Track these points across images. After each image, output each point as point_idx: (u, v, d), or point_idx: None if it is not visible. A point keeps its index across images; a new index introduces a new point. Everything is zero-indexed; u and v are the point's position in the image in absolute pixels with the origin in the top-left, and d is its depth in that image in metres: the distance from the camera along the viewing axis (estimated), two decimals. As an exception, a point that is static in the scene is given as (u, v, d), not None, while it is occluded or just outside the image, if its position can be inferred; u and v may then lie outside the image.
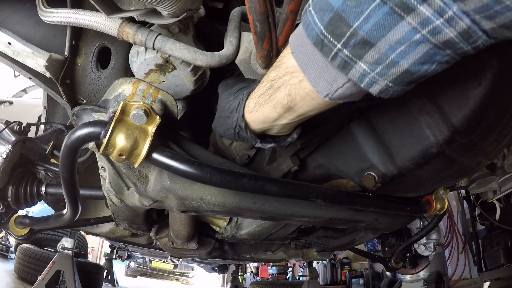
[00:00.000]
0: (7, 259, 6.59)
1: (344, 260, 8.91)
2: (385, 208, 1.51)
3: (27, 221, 2.02)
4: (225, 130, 1.25)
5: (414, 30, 0.62)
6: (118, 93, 1.17)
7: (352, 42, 0.69)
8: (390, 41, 0.65)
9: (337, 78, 0.78)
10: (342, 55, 0.71)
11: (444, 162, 1.21)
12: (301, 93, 0.89)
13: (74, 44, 1.28)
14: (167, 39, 1.04)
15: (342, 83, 0.78)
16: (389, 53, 0.67)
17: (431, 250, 3.11)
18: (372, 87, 0.74)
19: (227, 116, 1.21)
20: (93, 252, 12.50)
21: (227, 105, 1.22)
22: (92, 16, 1.06)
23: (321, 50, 0.74)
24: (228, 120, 1.21)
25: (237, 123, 1.17)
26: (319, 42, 0.73)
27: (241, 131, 1.18)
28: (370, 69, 0.71)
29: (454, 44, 0.63)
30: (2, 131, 1.85)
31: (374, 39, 0.66)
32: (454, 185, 2.56)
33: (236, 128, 1.19)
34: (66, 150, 1.11)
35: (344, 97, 0.83)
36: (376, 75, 0.72)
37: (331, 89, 0.80)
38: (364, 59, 0.70)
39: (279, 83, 0.94)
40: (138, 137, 1.05)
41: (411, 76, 0.71)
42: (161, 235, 2.21)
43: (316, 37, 0.73)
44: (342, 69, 0.74)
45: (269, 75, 0.99)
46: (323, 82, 0.80)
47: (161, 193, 1.32)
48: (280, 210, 1.39)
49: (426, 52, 0.65)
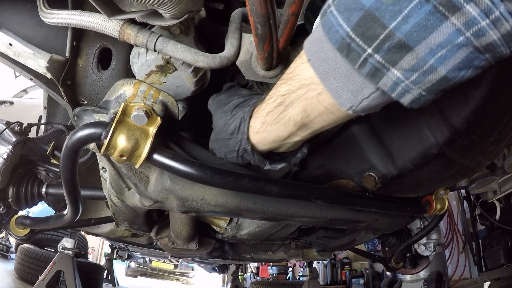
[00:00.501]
0: (8, 259, 6.59)
1: (344, 260, 8.91)
2: (386, 209, 1.51)
3: (28, 222, 2.02)
4: (226, 152, 1.17)
5: (458, 32, 0.57)
6: (119, 94, 1.17)
7: (387, 45, 0.61)
8: (431, 44, 0.59)
9: (364, 87, 0.70)
10: (373, 61, 0.63)
11: (444, 163, 1.22)
12: (319, 108, 0.80)
13: (75, 45, 1.28)
14: (168, 41, 1.04)
15: (369, 93, 0.70)
16: (428, 58, 0.60)
17: (431, 250, 3.11)
18: (404, 97, 0.67)
19: (228, 138, 1.12)
20: (93, 252, 12.50)
21: (226, 126, 1.13)
22: (93, 17, 1.07)
23: (346, 56, 0.66)
24: (229, 142, 1.12)
25: (241, 146, 1.08)
26: (344, 46, 0.65)
27: (246, 154, 1.10)
28: (405, 76, 0.63)
29: (495, 48, 0.58)
30: (3, 132, 1.85)
31: (413, 42, 0.60)
32: (454, 186, 2.56)
33: (240, 151, 1.10)
34: (67, 150, 1.12)
35: (369, 108, 0.74)
36: (411, 83, 0.64)
37: (355, 100, 0.72)
38: (398, 65, 0.63)
39: (292, 98, 0.85)
40: (139, 138, 1.05)
41: (447, 84, 0.64)
42: (161, 236, 2.22)
43: (340, 41, 0.65)
44: (372, 77, 0.66)
45: (278, 90, 0.89)
46: (347, 93, 0.72)
47: (161, 193, 1.32)
48: (281, 210, 1.40)
49: (466, 56, 0.59)
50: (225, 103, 1.19)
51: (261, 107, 1.00)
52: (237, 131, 1.07)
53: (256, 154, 1.09)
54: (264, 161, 1.12)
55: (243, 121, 1.06)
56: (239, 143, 1.08)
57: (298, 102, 0.83)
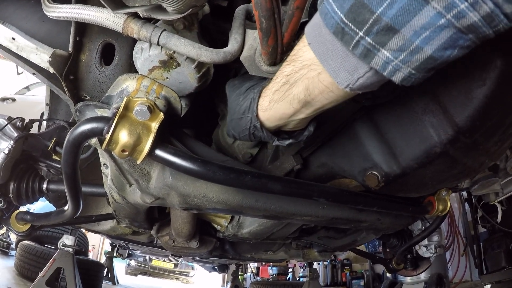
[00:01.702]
0: (8, 256, 6.59)
1: (344, 261, 8.91)
2: (388, 208, 1.50)
3: (28, 217, 2.02)
4: (240, 132, 1.25)
5: (439, 15, 0.62)
6: (121, 89, 1.17)
7: (375, 29, 0.67)
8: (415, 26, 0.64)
9: (358, 67, 0.77)
10: (365, 43, 0.70)
11: (448, 162, 1.21)
12: (319, 86, 0.88)
13: (78, 40, 1.28)
14: (172, 35, 1.04)
15: (363, 72, 0.77)
16: (414, 39, 0.66)
17: (432, 252, 3.11)
18: (395, 75, 0.73)
19: (240, 117, 1.20)
20: (93, 250, 12.52)
21: (238, 107, 1.21)
22: (97, 11, 1.06)
23: (341, 39, 0.73)
24: (241, 121, 1.20)
25: (251, 123, 1.16)
26: (339, 30, 0.72)
27: (256, 131, 1.18)
28: (394, 56, 0.70)
29: (477, 28, 0.62)
30: (4, 127, 1.85)
31: (398, 25, 0.65)
32: (457, 187, 2.55)
33: (251, 129, 1.18)
34: (69, 145, 1.11)
35: (365, 86, 0.81)
36: (400, 62, 0.70)
37: (351, 79, 0.79)
38: (387, 46, 0.69)
39: (295, 78, 0.93)
40: (141, 133, 1.05)
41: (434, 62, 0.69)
42: (162, 233, 2.21)
43: (335, 25, 0.72)
44: (364, 57, 0.72)
45: (283, 70, 0.97)
46: (343, 73, 0.79)
47: (163, 190, 1.31)
48: (283, 208, 1.39)
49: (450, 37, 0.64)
50: (238, 87, 1.26)
51: (269, 87, 1.08)
52: (247, 110, 1.16)
53: (265, 130, 1.17)
54: (273, 137, 1.20)
55: (252, 100, 1.14)
56: (250, 121, 1.16)
57: (301, 81, 0.91)
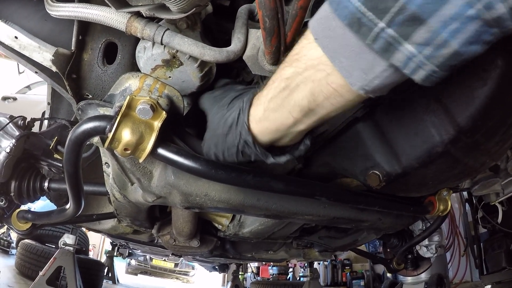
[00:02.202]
0: (9, 254, 6.60)
1: (345, 261, 8.91)
2: (389, 208, 1.50)
3: (30, 216, 2.02)
4: (224, 149, 1.06)
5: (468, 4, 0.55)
6: (124, 87, 1.17)
7: (400, 18, 0.59)
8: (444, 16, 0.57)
9: (375, 65, 0.66)
10: (385, 35, 0.61)
11: (449, 162, 1.21)
12: (326, 90, 0.76)
13: (81, 39, 1.28)
14: (175, 34, 1.04)
15: (381, 71, 0.67)
16: (441, 31, 0.58)
17: (433, 252, 3.11)
18: (416, 73, 0.64)
19: (225, 133, 1.03)
20: (94, 249, 12.53)
21: (222, 120, 1.04)
22: (100, 10, 1.06)
23: (357, 31, 0.63)
24: (227, 137, 1.03)
25: (241, 138, 0.98)
26: (354, 21, 0.63)
27: (247, 147, 1.00)
28: (418, 50, 0.61)
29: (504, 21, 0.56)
30: (6, 126, 1.85)
31: (426, 15, 0.57)
32: (457, 187, 2.56)
33: (240, 145, 1.00)
34: (71, 143, 1.12)
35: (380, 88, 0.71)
36: (424, 58, 0.61)
37: (366, 79, 0.68)
38: (411, 39, 0.60)
39: (297, 81, 0.80)
40: (144, 132, 1.05)
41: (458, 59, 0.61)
42: (163, 233, 2.21)
43: (350, 16, 0.63)
44: (384, 52, 0.63)
45: (282, 73, 0.84)
46: (357, 72, 0.68)
47: (165, 189, 1.32)
48: (284, 207, 1.39)
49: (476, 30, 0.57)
50: (221, 98, 1.12)
51: (263, 94, 0.93)
52: (235, 123, 0.99)
53: (258, 146, 0.98)
54: (267, 154, 1.01)
55: (242, 111, 0.97)
56: (239, 136, 0.98)
57: (305, 85, 0.78)
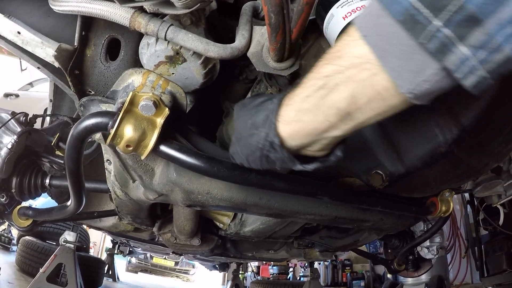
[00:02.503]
0: (9, 251, 6.61)
1: (345, 262, 8.90)
2: (391, 208, 1.50)
3: (30, 213, 2.02)
4: (248, 154, 0.98)
5: None
6: (127, 83, 1.16)
7: (457, 18, 0.55)
8: (500, 19, 0.53)
9: (426, 67, 0.62)
10: (441, 35, 0.57)
11: (452, 162, 1.21)
12: (370, 92, 0.70)
13: (84, 35, 1.28)
14: (179, 30, 1.04)
15: (431, 74, 0.62)
16: (496, 34, 0.54)
17: (434, 253, 3.10)
18: (467, 79, 0.60)
19: (251, 134, 0.94)
20: (95, 246, 12.54)
21: (249, 121, 0.95)
22: (104, 5, 1.06)
23: (411, 29, 0.59)
24: (251, 139, 0.94)
25: (267, 140, 0.90)
26: (408, 19, 0.59)
27: (272, 151, 0.91)
28: (473, 53, 0.56)
29: None
30: (8, 122, 1.85)
31: (484, 15, 0.53)
32: (460, 188, 2.55)
33: (265, 149, 0.91)
34: (73, 140, 1.11)
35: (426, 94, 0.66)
36: (478, 63, 0.57)
37: (414, 82, 0.63)
38: (467, 40, 0.56)
39: (337, 81, 0.73)
40: (146, 129, 1.04)
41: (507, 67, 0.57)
42: (164, 231, 2.21)
43: (404, 12, 0.59)
44: (437, 53, 0.59)
45: (320, 71, 0.77)
46: (407, 73, 0.64)
47: (167, 186, 1.31)
48: (286, 206, 1.39)
49: None
50: (249, 102, 1.02)
51: (296, 93, 0.85)
52: (262, 124, 0.91)
53: (285, 150, 0.90)
54: (294, 160, 0.92)
55: (271, 111, 0.89)
56: (265, 137, 0.90)
57: (345, 85, 0.72)
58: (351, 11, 1.03)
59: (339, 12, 1.07)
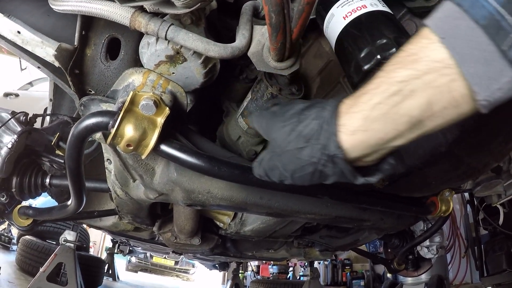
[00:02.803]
0: (9, 250, 6.60)
1: (345, 261, 8.90)
2: (391, 208, 1.50)
3: (31, 212, 2.03)
4: (295, 170, 0.88)
5: None
6: (127, 83, 1.16)
7: None
8: None
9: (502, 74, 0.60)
10: None
11: (452, 162, 1.21)
12: (446, 99, 0.66)
13: (84, 34, 1.27)
14: (179, 29, 1.03)
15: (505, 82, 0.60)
16: None
17: (434, 253, 3.11)
18: None
19: (299, 147, 0.84)
20: (95, 246, 12.53)
21: (294, 133, 0.86)
22: (104, 5, 1.06)
23: (494, 35, 0.58)
24: (301, 153, 0.84)
25: (326, 153, 0.81)
26: (492, 24, 0.58)
27: (330, 165, 0.83)
28: None
29: None
30: (8, 121, 1.85)
31: None
32: (459, 188, 2.55)
33: (321, 163, 0.83)
34: (73, 139, 1.11)
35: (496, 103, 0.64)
36: None
37: (489, 89, 0.61)
38: None
39: (414, 86, 0.68)
40: (147, 128, 1.04)
41: None
42: (164, 230, 2.21)
43: (488, 17, 0.58)
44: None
45: (392, 75, 0.71)
46: (485, 80, 0.61)
47: (167, 185, 1.31)
48: (287, 206, 1.39)
49: None
50: (283, 112, 0.93)
51: (362, 99, 0.77)
52: (315, 135, 0.82)
53: (349, 164, 0.82)
54: (355, 173, 0.85)
55: (326, 120, 0.81)
56: (321, 150, 0.81)
57: (422, 91, 0.67)
58: (352, 10, 1.03)
59: (339, 11, 1.06)
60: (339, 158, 0.80)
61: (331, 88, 1.40)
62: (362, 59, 0.97)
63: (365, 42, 0.98)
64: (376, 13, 1.01)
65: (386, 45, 0.94)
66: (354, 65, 0.99)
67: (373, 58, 0.95)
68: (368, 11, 1.02)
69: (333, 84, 1.39)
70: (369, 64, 0.96)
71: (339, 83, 1.37)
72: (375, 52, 0.95)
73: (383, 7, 1.03)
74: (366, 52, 0.96)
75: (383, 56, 0.94)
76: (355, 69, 0.99)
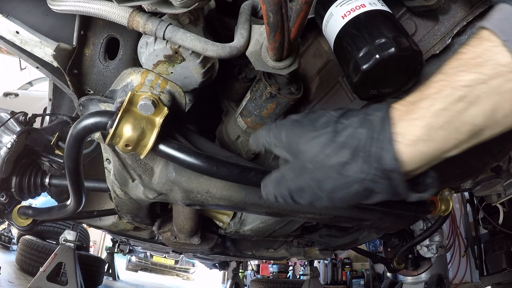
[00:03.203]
0: (9, 250, 6.61)
1: (345, 260, 8.91)
2: (391, 207, 1.50)
3: (30, 212, 2.03)
4: (335, 189, 0.76)
5: None
6: (126, 83, 1.16)
7: None
8: None
9: None
10: None
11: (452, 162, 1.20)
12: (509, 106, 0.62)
13: (82, 34, 1.27)
14: (177, 29, 1.03)
15: None
16: None
17: (433, 252, 3.11)
18: None
19: (344, 161, 0.73)
20: (94, 245, 12.53)
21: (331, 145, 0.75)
22: (102, 5, 1.05)
23: None
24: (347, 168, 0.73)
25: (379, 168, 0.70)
26: None
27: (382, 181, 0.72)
28: None
29: None
30: (7, 121, 1.85)
31: None
32: (459, 187, 2.55)
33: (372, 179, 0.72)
34: (72, 139, 1.11)
35: None
36: None
37: None
38: None
39: (479, 92, 0.62)
40: (145, 128, 1.04)
41: None
42: (164, 229, 2.21)
43: None
44: None
45: (455, 79, 0.65)
46: None
47: (166, 185, 1.31)
48: (286, 205, 1.38)
49: None
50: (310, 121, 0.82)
51: (422, 105, 0.69)
52: (365, 147, 0.71)
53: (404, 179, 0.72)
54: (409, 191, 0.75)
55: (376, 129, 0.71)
56: (374, 164, 0.71)
57: (488, 97, 0.62)
58: (350, 9, 1.03)
59: (338, 10, 1.06)
60: (396, 172, 0.70)
61: (330, 87, 1.40)
62: (361, 58, 0.97)
63: (364, 41, 0.97)
64: (375, 12, 1.01)
65: (385, 45, 0.94)
66: (353, 65, 0.99)
67: (372, 58, 0.95)
68: (367, 10, 1.01)
69: (332, 84, 1.39)
70: (368, 64, 0.96)
71: (338, 83, 1.37)
72: (374, 51, 0.95)
73: (382, 6, 1.03)
74: (365, 51, 0.96)
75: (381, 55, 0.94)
76: (354, 69, 0.99)
